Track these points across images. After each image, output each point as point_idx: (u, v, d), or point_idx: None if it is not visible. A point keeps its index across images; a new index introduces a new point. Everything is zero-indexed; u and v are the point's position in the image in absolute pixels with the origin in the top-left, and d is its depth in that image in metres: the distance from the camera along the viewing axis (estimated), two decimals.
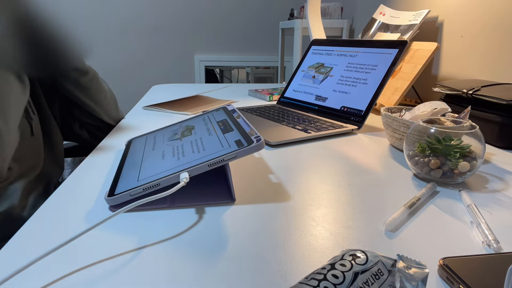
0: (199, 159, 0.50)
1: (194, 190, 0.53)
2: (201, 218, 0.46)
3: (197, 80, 2.78)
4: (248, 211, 0.48)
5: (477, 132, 0.57)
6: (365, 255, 0.28)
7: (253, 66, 3.07)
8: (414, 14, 1.20)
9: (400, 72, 1.08)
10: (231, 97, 1.31)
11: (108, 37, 2.57)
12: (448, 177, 0.57)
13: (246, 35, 2.77)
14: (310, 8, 1.49)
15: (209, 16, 2.68)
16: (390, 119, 0.73)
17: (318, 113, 0.99)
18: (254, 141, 0.50)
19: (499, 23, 0.97)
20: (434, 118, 0.65)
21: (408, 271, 0.28)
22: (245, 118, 0.61)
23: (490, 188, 0.57)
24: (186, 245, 0.41)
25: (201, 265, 0.37)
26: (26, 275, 0.35)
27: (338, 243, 0.42)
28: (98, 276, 0.35)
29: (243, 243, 0.41)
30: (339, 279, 0.26)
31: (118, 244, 0.41)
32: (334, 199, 0.53)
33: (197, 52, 2.73)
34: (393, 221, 0.45)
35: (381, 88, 0.89)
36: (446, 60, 1.17)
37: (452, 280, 0.34)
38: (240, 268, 0.37)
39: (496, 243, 0.41)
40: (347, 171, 0.63)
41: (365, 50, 0.98)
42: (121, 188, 0.49)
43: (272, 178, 0.59)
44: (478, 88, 0.83)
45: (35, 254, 0.36)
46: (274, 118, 0.95)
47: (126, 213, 0.47)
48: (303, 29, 1.93)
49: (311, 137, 0.80)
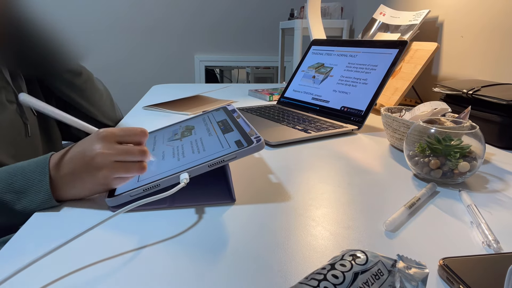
0: (199, 160, 0.50)
1: (194, 190, 0.53)
2: (201, 218, 0.46)
3: (197, 80, 2.78)
4: (248, 211, 0.48)
5: (477, 132, 0.57)
6: (365, 255, 0.28)
7: (253, 66, 3.07)
8: (414, 14, 1.20)
9: (400, 72, 1.08)
10: (231, 97, 1.31)
11: (108, 37, 2.57)
12: (448, 177, 0.57)
13: (246, 35, 2.77)
14: (310, 8, 1.49)
15: (209, 16, 2.68)
16: (390, 119, 0.73)
17: (318, 113, 0.99)
18: (254, 141, 0.50)
19: (499, 23, 0.97)
20: (434, 118, 0.65)
21: (408, 271, 0.28)
22: (245, 118, 0.61)
23: (490, 188, 0.57)
24: (186, 245, 0.41)
25: (201, 265, 0.37)
26: (26, 275, 0.35)
27: (338, 243, 0.42)
28: (98, 276, 0.35)
29: (243, 243, 0.41)
30: (339, 279, 0.26)
31: (118, 244, 0.41)
32: (334, 199, 0.53)
33: (197, 52, 2.73)
34: (393, 221, 0.45)
35: (381, 88, 0.89)
36: (446, 60, 1.17)
37: (452, 280, 0.34)
38: (240, 268, 0.37)
39: (496, 243, 0.41)
40: (347, 171, 0.63)
41: (365, 50, 0.98)
42: (122, 189, 0.49)
43: (272, 178, 0.60)
44: (478, 88, 0.83)
45: (35, 254, 0.36)
46: (274, 118, 0.95)
47: (126, 213, 0.47)
48: (303, 29, 1.93)
49: (311, 137, 0.80)
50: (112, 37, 2.58)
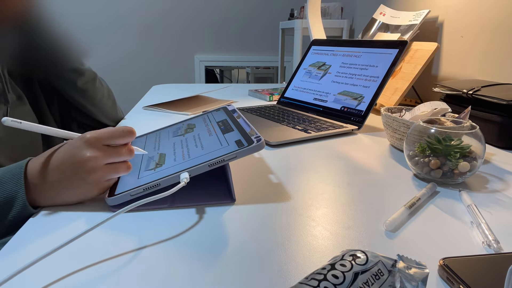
0: (199, 159, 0.50)
1: (194, 190, 0.53)
2: (201, 218, 0.46)
3: (197, 80, 2.78)
4: (248, 211, 0.48)
5: (477, 132, 0.57)
6: (365, 255, 0.28)
7: (253, 66, 3.07)
8: (414, 14, 1.20)
9: (400, 72, 1.08)
10: (231, 97, 1.31)
11: (108, 37, 2.57)
12: (448, 177, 0.57)
13: (246, 35, 2.77)
14: (310, 8, 1.49)
15: (209, 16, 2.68)
16: (390, 119, 0.73)
17: (318, 113, 0.99)
18: (254, 141, 0.50)
19: (499, 24, 0.97)
20: (434, 118, 0.65)
21: (408, 271, 0.28)
22: (245, 118, 0.61)
23: (490, 188, 0.57)
24: (186, 245, 0.41)
25: (201, 265, 0.37)
26: (26, 275, 0.35)
27: (338, 243, 0.42)
28: (98, 276, 0.35)
29: (243, 243, 0.41)
30: (339, 279, 0.26)
31: (119, 244, 0.41)
32: (334, 199, 0.53)
33: (197, 52, 2.73)
34: (393, 221, 0.45)
35: (381, 88, 0.89)
36: (446, 60, 1.17)
37: (452, 280, 0.34)
38: (240, 268, 0.37)
39: (496, 243, 0.41)
40: (347, 171, 0.63)
41: (365, 50, 0.98)
42: (122, 188, 0.49)
43: (272, 178, 0.60)
44: (478, 88, 0.83)
45: (35, 254, 0.36)
46: (274, 118, 0.95)
47: (126, 213, 0.47)
48: (303, 29, 1.93)
49: (311, 137, 0.80)
50: (112, 37, 2.58)
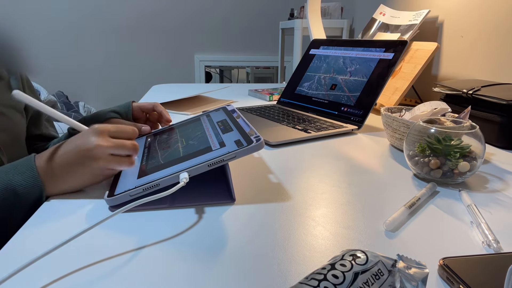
0: (198, 159, 0.50)
1: (194, 190, 0.53)
2: (201, 218, 0.46)
3: (197, 80, 2.78)
4: (248, 211, 0.48)
5: (477, 132, 0.57)
6: (365, 255, 0.28)
7: (253, 66, 3.07)
8: (414, 14, 1.20)
9: (400, 72, 1.08)
10: (231, 97, 1.31)
11: (108, 37, 2.57)
12: (448, 177, 0.57)
13: (246, 35, 2.77)
14: (310, 8, 1.49)
15: (209, 16, 2.68)
16: (390, 119, 0.73)
17: (318, 113, 0.99)
18: (253, 141, 0.50)
19: (499, 24, 0.97)
20: (434, 118, 0.65)
21: (408, 271, 0.28)
22: (244, 118, 0.61)
23: (490, 188, 0.57)
24: (186, 245, 0.41)
25: (201, 265, 0.37)
26: (26, 275, 0.35)
27: (338, 243, 0.42)
28: (98, 276, 0.35)
29: (243, 243, 0.41)
30: (339, 279, 0.26)
31: (118, 244, 0.41)
32: (334, 199, 0.53)
33: (197, 52, 2.73)
34: (393, 221, 0.45)
35: (381, 88, 0.89)
36: (446, 60, 1.17)
37: (452, 280, 0.34)
38: (240, 268, 0.37)
39: (496, 243, 0.41)
40: (347, 171, 0.63)
41: (365, 50, 0.98)
42: (121, 188, 0.49)
43: (272, 178, 0.59)
44: (478, 88, 0.83)
45: (35, 254, 0.36)
46: (274, 118, 0.95)
47: (126, 213, 0.47)
48: (303, 29, 1.93)
49: (311, 137, 0.80)
50: (112, 37, 2.58)
